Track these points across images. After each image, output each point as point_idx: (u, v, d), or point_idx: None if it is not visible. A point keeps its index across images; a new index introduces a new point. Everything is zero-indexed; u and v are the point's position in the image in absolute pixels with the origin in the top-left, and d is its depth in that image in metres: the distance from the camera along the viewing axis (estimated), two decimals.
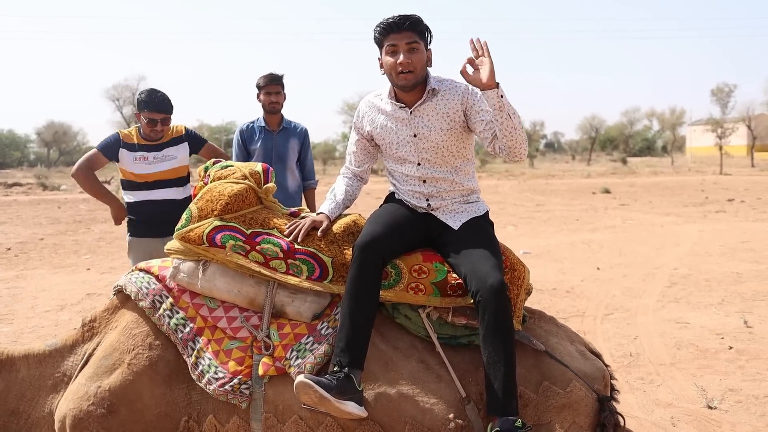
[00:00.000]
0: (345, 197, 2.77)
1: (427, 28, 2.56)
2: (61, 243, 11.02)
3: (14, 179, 32.28)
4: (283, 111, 4.76)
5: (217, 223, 2.54)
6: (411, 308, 2.46)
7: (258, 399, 2.36)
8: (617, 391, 2.56)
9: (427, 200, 2.64)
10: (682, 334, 5.25)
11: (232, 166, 2.76)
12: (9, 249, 10.29)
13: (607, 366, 2.55)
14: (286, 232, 2.54)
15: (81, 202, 20.30)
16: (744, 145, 50.31)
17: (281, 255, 2.47)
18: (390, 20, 2.51)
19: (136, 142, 4.08)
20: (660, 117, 61.25)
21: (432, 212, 2.64)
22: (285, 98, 4.72)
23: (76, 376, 2.51)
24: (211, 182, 2.70)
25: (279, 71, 4.70)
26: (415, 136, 2.59)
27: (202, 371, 2.39)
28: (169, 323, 2.47)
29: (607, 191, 20.87)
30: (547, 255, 9.02)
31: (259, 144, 4.65)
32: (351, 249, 2.46)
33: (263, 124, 4.72)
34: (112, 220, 4.47)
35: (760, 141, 49.22)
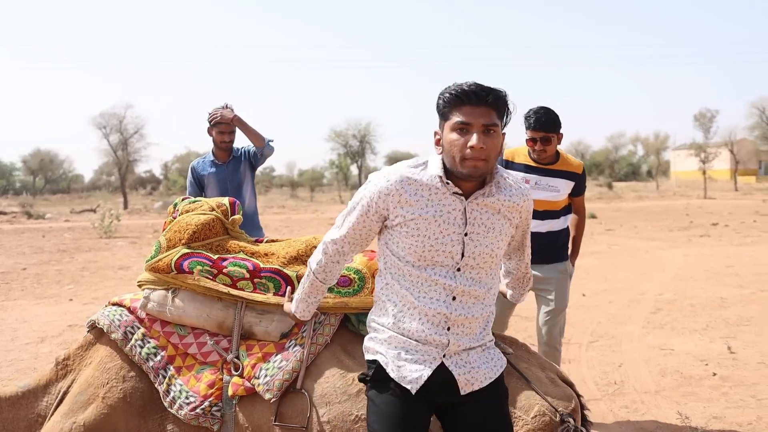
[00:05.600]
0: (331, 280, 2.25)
1: (508, 107, 1.99)
2: (44, 273, 10.90)
3: None
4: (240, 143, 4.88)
5: (185, 250, 2.60)
6: None
7: (229, 420, 2.38)
8: (590, 423, 2.53)
9: (448, 328, 2.01)
10: (666, 360, 5.25)
11: (200, 200, 2.84)
12: None
13: (579, 396, 2.52)
14: None
15: (65, 230, 20.16)
16: (727, 169, 51.03)
17: (247, 276, 2.53)
18: (467, 89, 1.92)
19: (523, 162, 3.79)
20: (644, 142, 62.10)
21: (444, 359, 2.02)
22: (236, 132, 4.83)
23: (51, 415, 2.48)
24: (179, 215, 2.76)
25: (229, 102, 4.80)
26: (466, 235, 1.99)
27: (173, 398, 2.41)
28: (140, 353, 2.49)
29: (593, 216, 20.98)
30: None
31: (211, 176, 4.84)
32: None
33: (212, 158, 4.89)
34: (96, 250, 4.46)
35: (742, 165, 49.99)
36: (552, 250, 3.87)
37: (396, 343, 2.03)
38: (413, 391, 1.97)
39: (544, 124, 3.62)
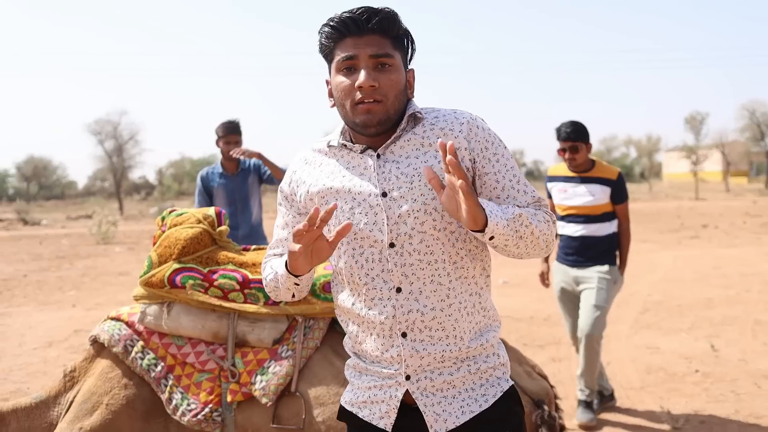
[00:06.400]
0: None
1: (406, 33, 1.58)
2: (45, 279, 11.06)
3: None
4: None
5: (176, 265, 2.72)
6: None
7: (229, 425, 2.54)
8: (562, 410, 2.73)
9: (404, 334, 1.54)
10: (652, 359, 5.47)
11: (187, 212, 2.95)
12: None
13: (552, 387, 2.72)
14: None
15: (62, 237, 20.26)
16: (718, 170, 51.49)
17: (238, 287, 2.66)
18: (345, 16, 1.51)
19: (562, 174, 4.34)
20: (637, 144, 62.50)
21: (409, 383, 1.56)
22: (242, 143, 5.01)
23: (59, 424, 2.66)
24: (168, 229, 2.88)
25: (236, 117, 5.12)
26: (384, 195, 1.53)
27: (176, 405, 2.56)
28: (141, 364, 2.63)
29: None
30: (526, 284, 9.23)
31: (220, 188, 5.01)
32: None
33: (221, 169, 5.05)
34: (95, 257, 4.62)
35: (734, 167, 50.47)
36: (594, 253, 4.27)
37: (360, 370, 1.65)
38: (388, 429, 1.58)
39: (570, 134, 4.15)
